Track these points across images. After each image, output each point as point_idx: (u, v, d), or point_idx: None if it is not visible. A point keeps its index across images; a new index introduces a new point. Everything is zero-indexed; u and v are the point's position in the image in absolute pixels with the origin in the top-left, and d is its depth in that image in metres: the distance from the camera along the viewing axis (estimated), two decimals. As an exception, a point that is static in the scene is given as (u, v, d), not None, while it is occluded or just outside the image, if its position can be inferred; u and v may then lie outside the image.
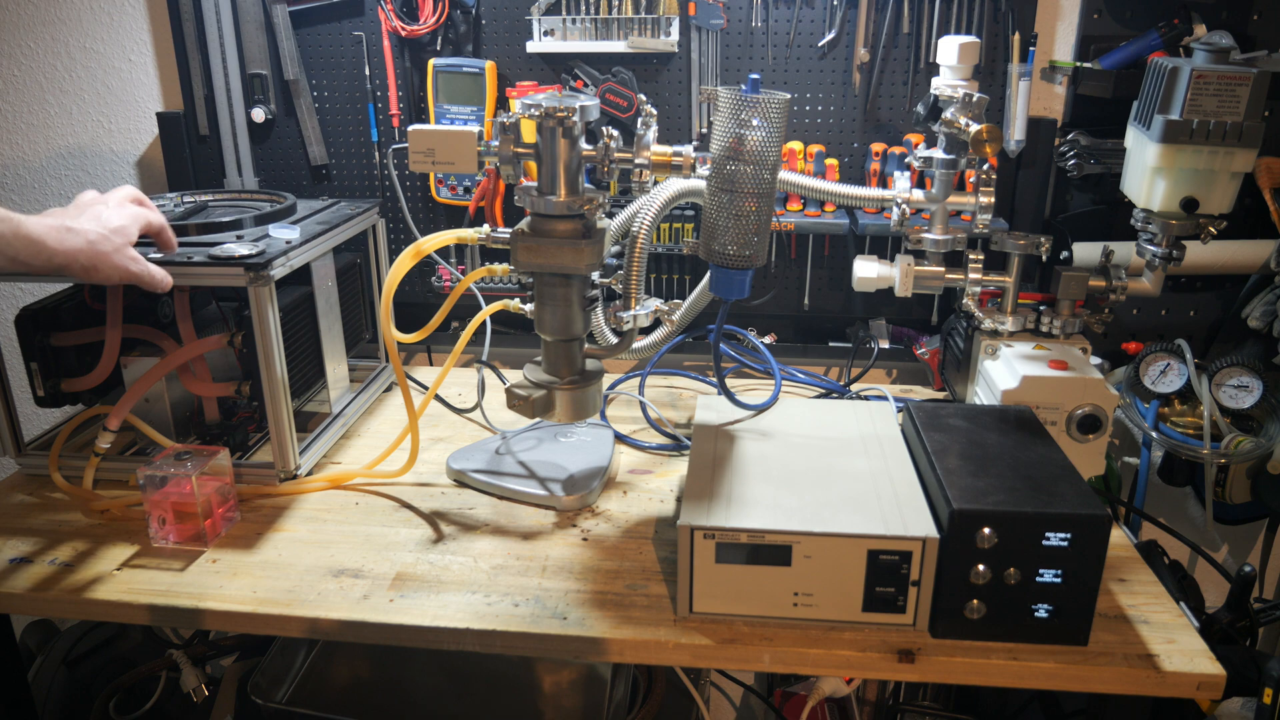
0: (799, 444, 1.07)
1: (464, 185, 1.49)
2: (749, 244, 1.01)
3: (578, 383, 1.08)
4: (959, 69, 1.16)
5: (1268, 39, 1.34)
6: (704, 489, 0.96)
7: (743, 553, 0.89)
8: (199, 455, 1.05)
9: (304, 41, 1.48)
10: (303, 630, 0.94)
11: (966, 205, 1.19)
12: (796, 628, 0.91)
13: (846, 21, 1.39)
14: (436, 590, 0.97)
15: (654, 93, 1.45)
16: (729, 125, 0.97)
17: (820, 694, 1.42)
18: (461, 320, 1.47)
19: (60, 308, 1.19)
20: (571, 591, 0.97)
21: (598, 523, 1.10)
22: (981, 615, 0.88)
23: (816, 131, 1.45)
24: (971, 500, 0.87)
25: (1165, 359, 1.34)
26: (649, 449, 1.29)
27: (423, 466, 1.22)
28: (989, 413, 1.07)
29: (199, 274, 1.07)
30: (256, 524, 1.09)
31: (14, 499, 1.15)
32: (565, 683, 1.35)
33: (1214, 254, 1.38)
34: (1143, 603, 0.96)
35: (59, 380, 1.20)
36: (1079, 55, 1.39)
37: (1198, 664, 0.87)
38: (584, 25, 1.41)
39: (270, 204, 1.30)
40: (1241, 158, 1.09)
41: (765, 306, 1.53)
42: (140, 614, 0.96)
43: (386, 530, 1.08)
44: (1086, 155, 1.39)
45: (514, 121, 0.99)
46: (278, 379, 1.10)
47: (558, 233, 1.00)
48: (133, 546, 1.05)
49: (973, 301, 1.20)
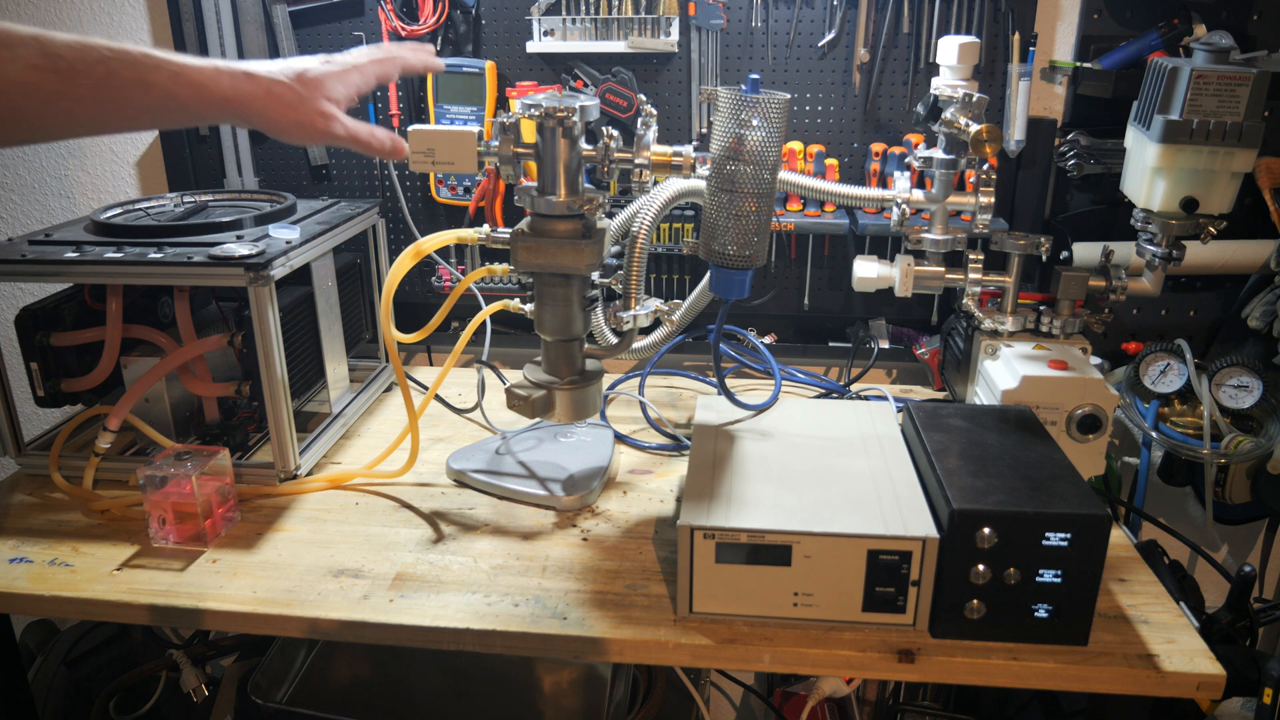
0: (799, 444, 1.07)
1: (464, 185, 1.49)
2: (749, 244, 1.01)
3: (578, 383, 1.08)
4: (959, 69, 1.16)
5: (1268, 39, 1.34)
6: (704, 489, 0.96)
7: (743, 553, 0.89)
8: (199, 455, 1.05)
9: (304, 41, 1.48)
10: (303, 630, 0.94)
11: (966, 205, 1.19)
12: (796, 628, 0.91)
13: (846, 21, 1.39)
14: (436, 590, 0.97)
15: (654, 93, 1.45)
16: (729, 125, 0.97)
17: (820, 694, 1.42)
18: (461, 320, 1.47)
19: (60, 308, 1.19)
20: (571, 591, 0.97)
21: (598, 523, 1.10)
22: (981, 615, 0.88)
23: (816, 131, 1.45)
24: (971, 500, 0.87)
25: (1165, 359, 1.34)
26: (649, 449, 1.29)
27: (423, 466, 1.22)
28: (989, 413, 1.07)
29: (199, 274, 1.07)
30: (256, 524, 1.09)
31: (14, 499, 1.15)
32: (565, 683, 1.35)
33: (1214, 254, 1.38)
34: (1143, 603, 0.96)
35: (59, 380, 1.20)
36: (1079, 55, 1.39)
37: (1198, 664, 0.87)
38: (584, 25, 1.41)
39: (270, 204, 1.30)
40: (1241, 158, 1.09)
41: (765, 306, 1.53)
42: (140, 614, 0.96)
43: (386, 530, 1.08)
44: (1086, 155, 1.39)
45: (514, 121, 0.99)
46: (278, 379, 1.10)
47: (558, 233, 1.00)
48: (133, 546, 1.05)
49: (973, 301, 1.20)
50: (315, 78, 0.89)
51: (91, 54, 0.77)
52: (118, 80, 0.79)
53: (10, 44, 0.73)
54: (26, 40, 0.74)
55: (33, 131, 0.79)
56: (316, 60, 0.91)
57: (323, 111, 0.89)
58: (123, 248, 1.11)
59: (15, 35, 0.74)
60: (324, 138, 0.91)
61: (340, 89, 0.91)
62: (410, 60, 0.97)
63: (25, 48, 0.74)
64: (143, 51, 0.80)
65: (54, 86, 0.76)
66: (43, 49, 0.75)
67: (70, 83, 0.76)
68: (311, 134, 0.90)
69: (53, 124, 0.79)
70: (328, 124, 0.90)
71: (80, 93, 0.77)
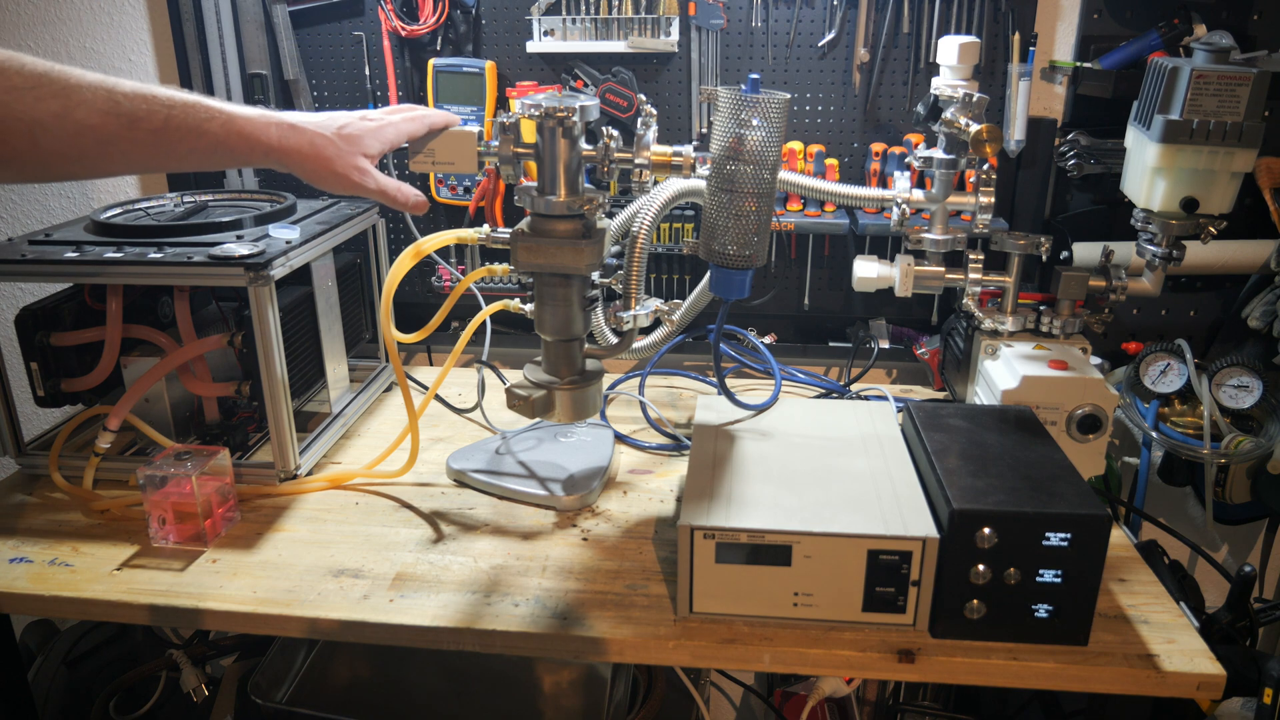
0: (799, 444, 1.07)
1: (464, 185, 1.49)
2: (749, 244, 1.01)
3: (578, 383, 1.08)
4: (959, 69, 1.16)
5: (1268, 39, 1.34)
6: (704, 489, 0.96)
7: (743, 553, 0.89)
8: (199, 455, 1.05)
9: (304, 41, 1.48)
10: (303, 630, 0.94)
11: (966, 205, 1.19)
12: (796, 628, 0.91)
13: (846, 21, 1.39)
14: (436, 590, 0.97)
15: (654, 93, 1.45)
16: (729, 125, 0.97)
17: (820, 694, 1.42)
18: (461, 320, 1.47)
19: (60, 308, 1.19)
20: (571, 591, 0.97)
21: (598, 523, 1.10)
22: (981, 615, 0.88)
23: (816, 131, 1.45)
24: (971, 500, 0.87)
25: (1165, 359, 1.34)
26: (649, 449, 1.29)
27: (423, 466, 1.22)
28: (989, 413, 1.07)
29: (199, 274, 1.07)
30: (256, 524, 1.09)
31: (14, 499, 1.15)
32: (565, 683, 1.35)
33: (1214, 254, 1.38)
34: (1143, 603, 0.96)
35: (59, 380, 1.20)
36: (1079, 55, 1.39)
37: (1198, 664, 0.87)
38: (584, 25, 1.41)
39: (270, 204, 1.30)
40: (1241, 158, 1.09)
41: (765, 306, 1.52)
42: (140, 614, 0.96)
43: (386, 530, 1.08)
44: (1086, 155, 1.39)
45: (514, 121, 0.99)
46: (278, 379, 1.10)
47: (558, 233, 1.00)
48: (133, 546, 1.05)
49: (973, 301, 1.20)
50: (354, 134, 0.96)
51: (153, 102, 0.84)
52: (174, 127, 0.86)
53: (82, 90, 0.80)
54: (96, 88, 0.81)
55: (90, 170, 0.86)
56: (355, 116, 0.98)
57: (358, 166, 0.96)
58: (123, 248, 1.11)
59: (86, 83, 0.81)
60: (357, 189, 0.97)
61: (375, 145, 0.98)
62: (435, 122, 1.02)
63: (96, 94, 0.81)
64: (198, 100, 0.88)
65: (118, 131, 0.83)
66: (110, 97, 0.82)
67: (132, 128, 0.83)
68: (346, 186, 0.96)
69: (110, 164, 0.86)
70: (362, 178, 0.96)
71: (140, 137, 0.84)
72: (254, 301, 1.06)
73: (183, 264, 1.06)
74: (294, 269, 1.13)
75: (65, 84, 0.79)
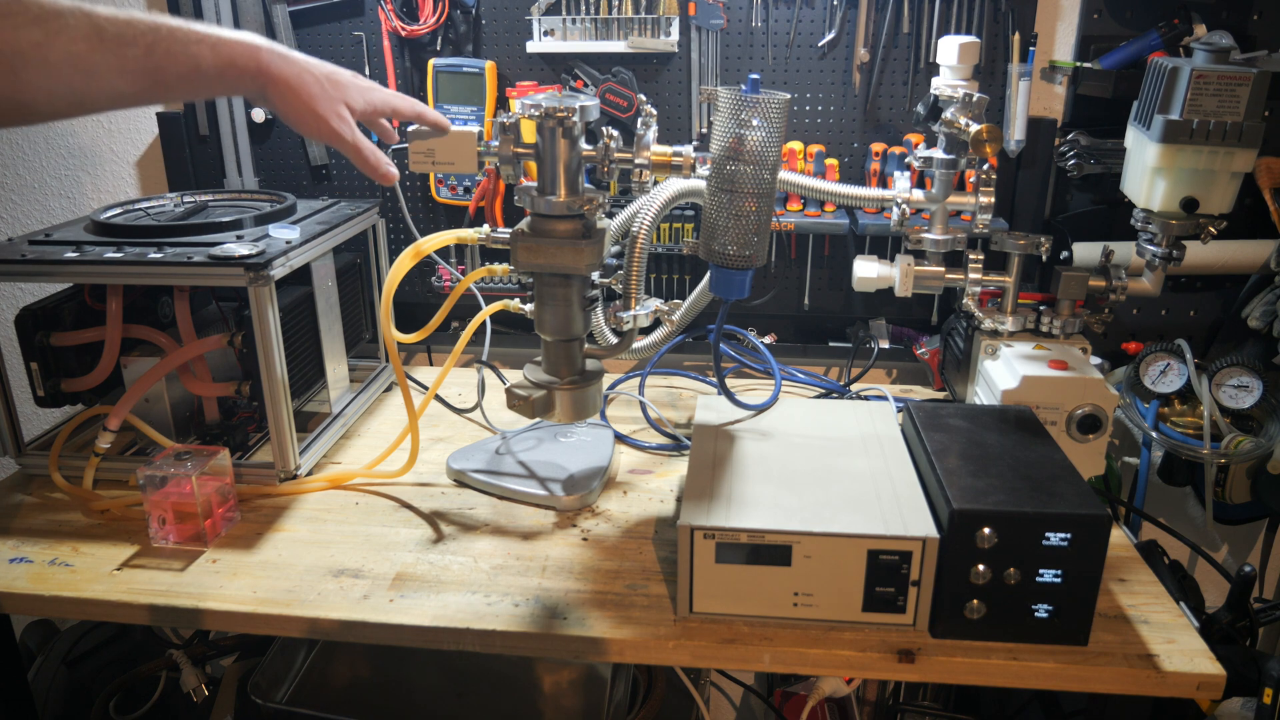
0: (799, 444, 1.07)
1: (464, 185, 1.49)
2: (749, 244, 1.01)
3: (578, 383, 1.08)
4: (959, 69, 1.16)
5: (1268, 39, 1.34)
6: (704, 489, 0.96)
7: (743, 553, 0.89)
8: (199, 455, 1.05)
9: (304, 41, 1.48)
10: (303, 630, 0.94)
11: (966, 205, 1.19)
12: (796, 628, 0.91)
13: (846, 21, 1.39)
14: (436, 590, 0.97)
15: (654, 93, 1.45)
16: (729, 125, 0.97)
17: (820, 694, 1.42)
18: (461, 320, 1.47)
19: (60, 308, 1.19)
20: (571, 591, 0.97)
21: (598, 523, 1.10)
22: (981, 615, 0.88)
23: (816, 131, 1.45)
24: (971, 500, 0.87)
25: (1165, 359, 1.34)
26: (649, 449, 1.29)
27: (423, 466, 1.22)
28: (989, 413, 1.07)
29: (199, 274, 1.07)
30: (256, 524, 1.09)
31: (14, 499, 1.15)
32: (565, 683, 1.35)
33: (1214, 254, 1.38)
34: (1143, 603, 0.96)
35: (59, 380, 1.20)
36: (1079, 55, 1.39)
37: (1198, 664, 0.87)
38: (584, 25, 1.41)
39: (270, 204, 1.30)
40: (1241, 158, 1.09)
41: (765, 306, 1.53)
42: (140, 614, 0.96)
43: (386, 530, 1.08)
44: (1086, 155, 1.39)
45: (514, 122, 0.99)
46: (278, 379, 1.10)
47: (558, 233, 1.00)
48: (133, 546, 1.05)
49: (973, 301, 1.20)
50: (342, 82, 0.94)
51: (137, 26, 0.79)
52: (162, 51, 0.81)
53: (60, 16, 0.75)
54: (75, 12, 0.76)
55: (79, 105, 0.80)
56: (348, 72, 0.96)
57: (339, 113, 0.93)
58: (123, 248, 1.11)
59: (65, 8, 0.75)
60: (330, 137, 0.94)
61: (360, 101, 0.95)
62: (428, 117, 1.01)
63: (76, 19, 0.75)
64: (183, 23, 0.83)
65: (102, 59, 0.78)
66: (92, 22, 0.76)
67: (118, 55, 0.78)
68: (322, 130, 0.93)
69: (99, 96, 0.80)
70: (339, 125, 0.93)
71: (127, 65, 0.79)
72: (254, 301, 1.06)
73: (183, 264, 1.06)
74: (294, 269, 1.13)
75: (42, 9, 0.74)
